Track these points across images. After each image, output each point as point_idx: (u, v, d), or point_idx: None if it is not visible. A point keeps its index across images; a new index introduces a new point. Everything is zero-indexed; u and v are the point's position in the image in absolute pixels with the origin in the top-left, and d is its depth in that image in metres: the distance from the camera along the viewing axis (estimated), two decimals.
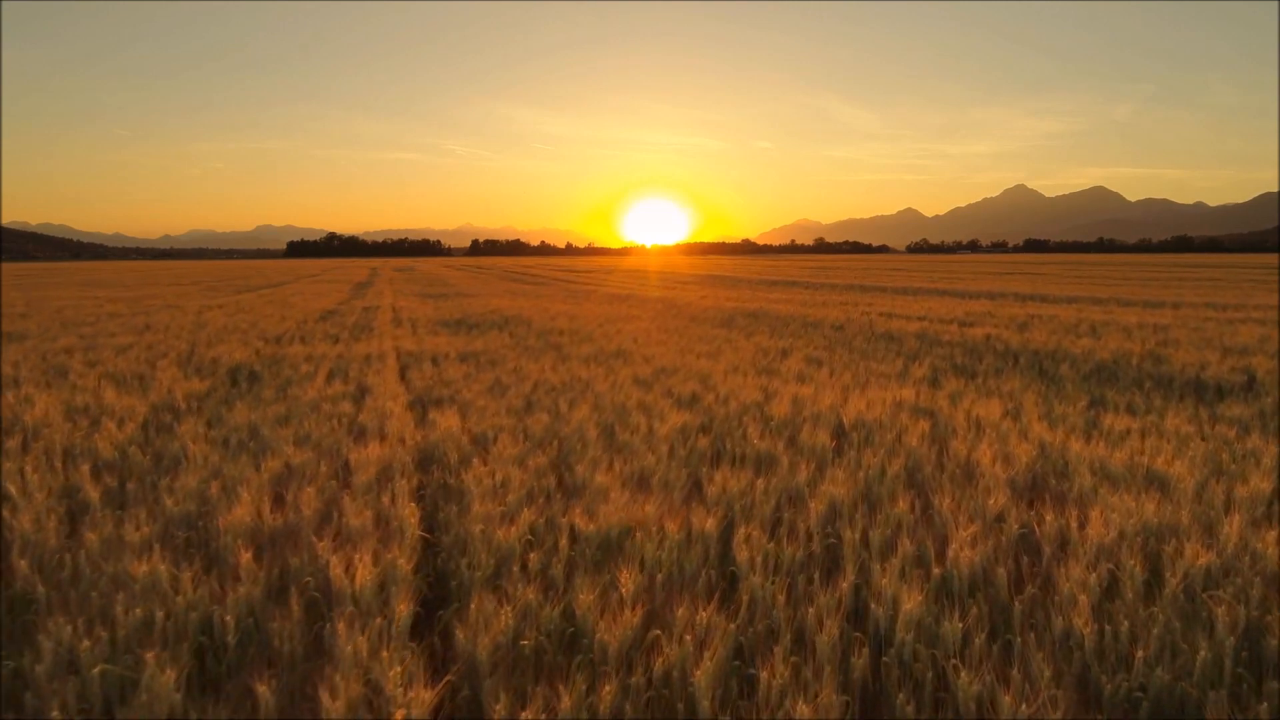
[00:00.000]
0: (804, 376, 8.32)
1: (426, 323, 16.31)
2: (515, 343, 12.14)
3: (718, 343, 11.77)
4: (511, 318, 17.39)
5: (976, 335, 11.95)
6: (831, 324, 14.62)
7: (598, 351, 10.71)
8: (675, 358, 9.81)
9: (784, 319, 15.90)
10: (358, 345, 11.78)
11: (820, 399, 6.56)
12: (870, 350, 10.75)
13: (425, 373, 8.82)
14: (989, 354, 10.19)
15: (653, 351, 10.50)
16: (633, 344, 11.63)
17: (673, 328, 14.28)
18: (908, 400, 6.66)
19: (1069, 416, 6.24)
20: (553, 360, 9.88)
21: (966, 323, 14.75)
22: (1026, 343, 11.04)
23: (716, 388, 7.36)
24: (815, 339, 12.37)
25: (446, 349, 11.17)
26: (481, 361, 10.06)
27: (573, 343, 12.04)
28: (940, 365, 9.30)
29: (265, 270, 77.57)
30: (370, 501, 3.96)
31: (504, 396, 7.21)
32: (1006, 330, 12.89)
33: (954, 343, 11.30)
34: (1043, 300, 23.26)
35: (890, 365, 9.14)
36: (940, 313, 17.21)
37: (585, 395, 7.23)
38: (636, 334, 13.13)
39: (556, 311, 19.22)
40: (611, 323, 15.75)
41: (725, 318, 16.59)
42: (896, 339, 12.07)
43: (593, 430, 5.61)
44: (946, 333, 12.46)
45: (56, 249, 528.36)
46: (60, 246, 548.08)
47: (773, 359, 9.87)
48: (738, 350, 10.85)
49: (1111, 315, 16.12)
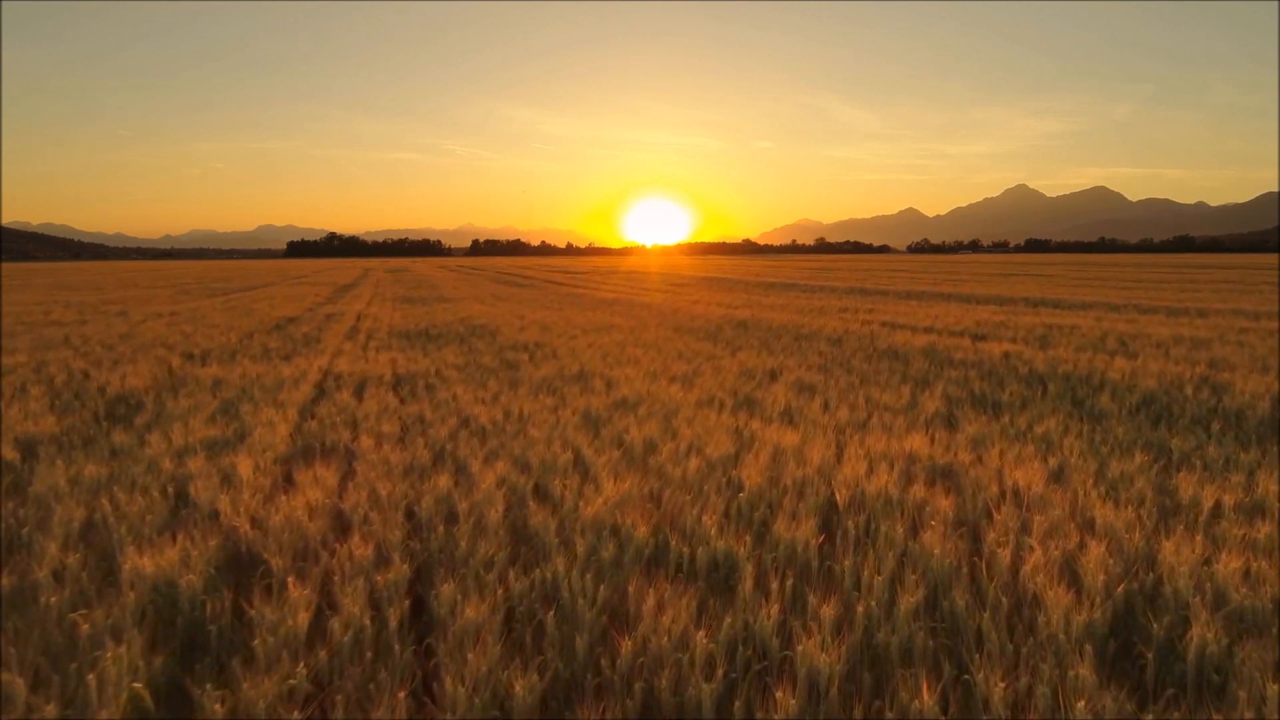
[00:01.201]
0: (791, 413, 6.86)
1: (385, 334, 14.85)
2: (469, 361, 10.68)
3: (698, 361, 10.31)
4: (480, 327, 15.94)
5: (993, 352, 10.47)
6: (828, 336, 13.14)
7: (557, 373, 9.25)
8: (643, 384, 8.35)
9: (776, 330, 14.43)
10: (287, 365, 10.32)
11: (808, 451, 5.09)
12: (872, 373, 9.28)
13: (338, 405, 7.35)
14: (1011, 378, 8.72)
15: (620, 374, 9.04)
16: (600, 363, 10.17)
17: (651, 341, 12.82)
18: (920, 453, 5.19)
19: (1131, 478, 4.77)
20: (500, 387, 8.42)
21: (979, 335, 13.27)
22: (1052, 363, 9.56)
23: (681, 432, 5.89)
24: (809, 355, 10.91)
25: (384, 370, 9.72)
26: (417, 388, 8.60)
27: (533, 361, 10.58)
28: (955, 393, 7.83)
29: (255, 272, 76.12)
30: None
31: (414, 444, 5.75)
32: (1026, 346, 11.42)
33: (968, 363, 9.83)
34: (1056, 306, 21.78)
35: (896, 394, 7.67)
36: (948, 322, 15.74)
37: (515, 441, 5.77)
38: (609, 349, 11.67)
39: (532, 320, 17.77)
40: (586, 334, 14.29)
41: (712, 328, 15.12)
42: (901, 357, 10.60)
43: (497, 508, 4.15)
44: (958, 349, 10.98)
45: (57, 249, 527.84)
46: (60, 246, 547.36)
47: (757, 385, 8.40)
48: (719, 371, 9.39)
49: (1137, 325, 14.64)
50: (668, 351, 11.42)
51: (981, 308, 21.07)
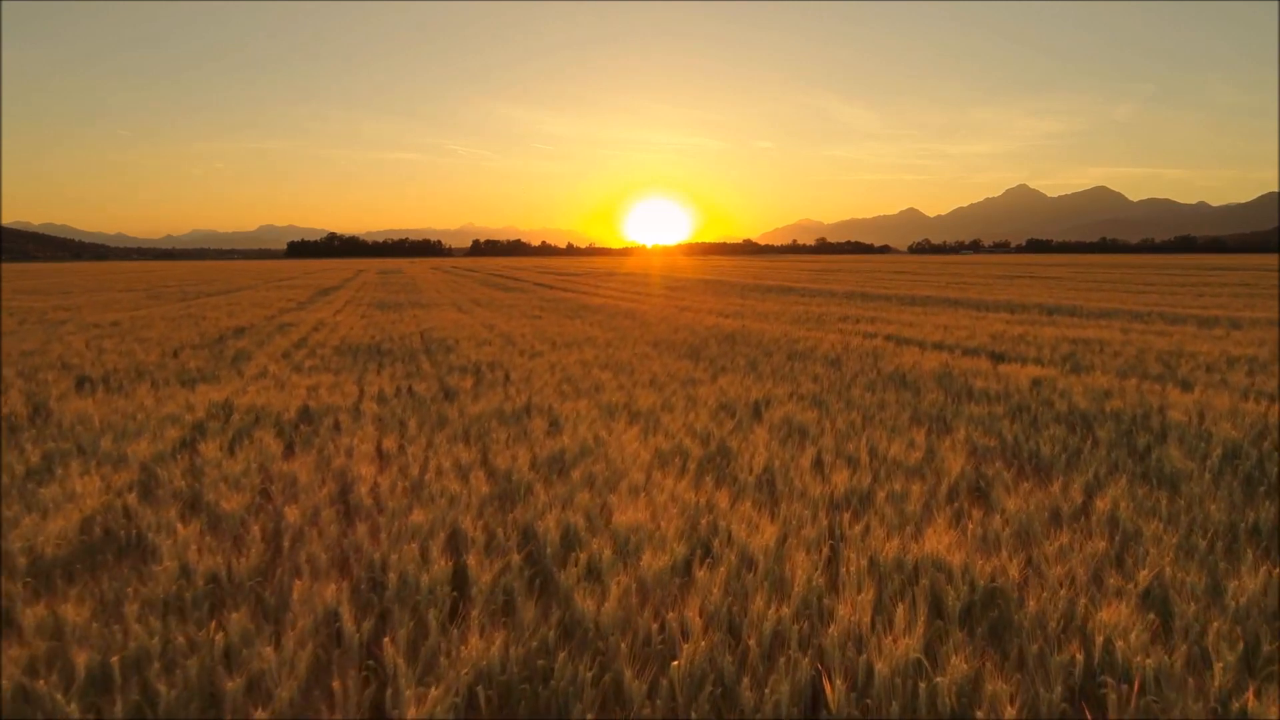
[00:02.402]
0: (773, 476, 5.27)
1: (330, 349, 13.27)
2: (402, 388, 9.10)
3: (671, 388, 8.73)
4: (440, 341, 14.36)
5: (1019, 379, 8.87)
6: (825, 355, 11.55)
7: (496, 409, 7.66)
8: (596, 424, 6.78)
9: (767, 346, 12.84)
10: (190, 393, 8.75)
11: (789, 563, 3.52)
12: (876, 406, 7.69)
13: (198, 460, 5.77)
14: (1047, 416, 7.12)
15: (572, 410, 7.46)
16: (553, 392, 8.60)
17: (624, 360, 11.24)
18: (948, 562, 3.60)
19: (1260, 607, 3.19)
20: (418, 429, 6.84)
21: (997, 353, 11.67)
22: (1094, 394, 7.96)
23: (618, 518, 4.32)
24: (802, 380, 9.32)
25: (295, 403, 8.14)
26: (320, 429, 7.02)
27: (477, 388, 9.00)
28: (982, 440, 6.24)
29: (244, 273, 74.51)
30: None
31: (246, 535, 4.17)
32: (1055, 369, 9.81)
33: (992, 394, 8.22)
34: (1073, 314, 20.18)
35: (907, 442, 6.09)
36: (960, 334, 14.15)
37: (390, 527, 4.19)
38: (571, 372, 10.10)
39: (501, 331, 16.20)
40: (555, 349, 12.72)
41: (697, 342, 13.53)
42: (911, 384, 9.00)
43: (286, 686, 2.57)
44: (977, 373, 9.39)
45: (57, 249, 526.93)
46: (61, 247, 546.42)
47: (736, 425, 6.82)
48: (693, 404, 7.81)
49: (1172, 340, 13.04)
50: (639, 375, 9.85)
51: (992, 315, 19.48)
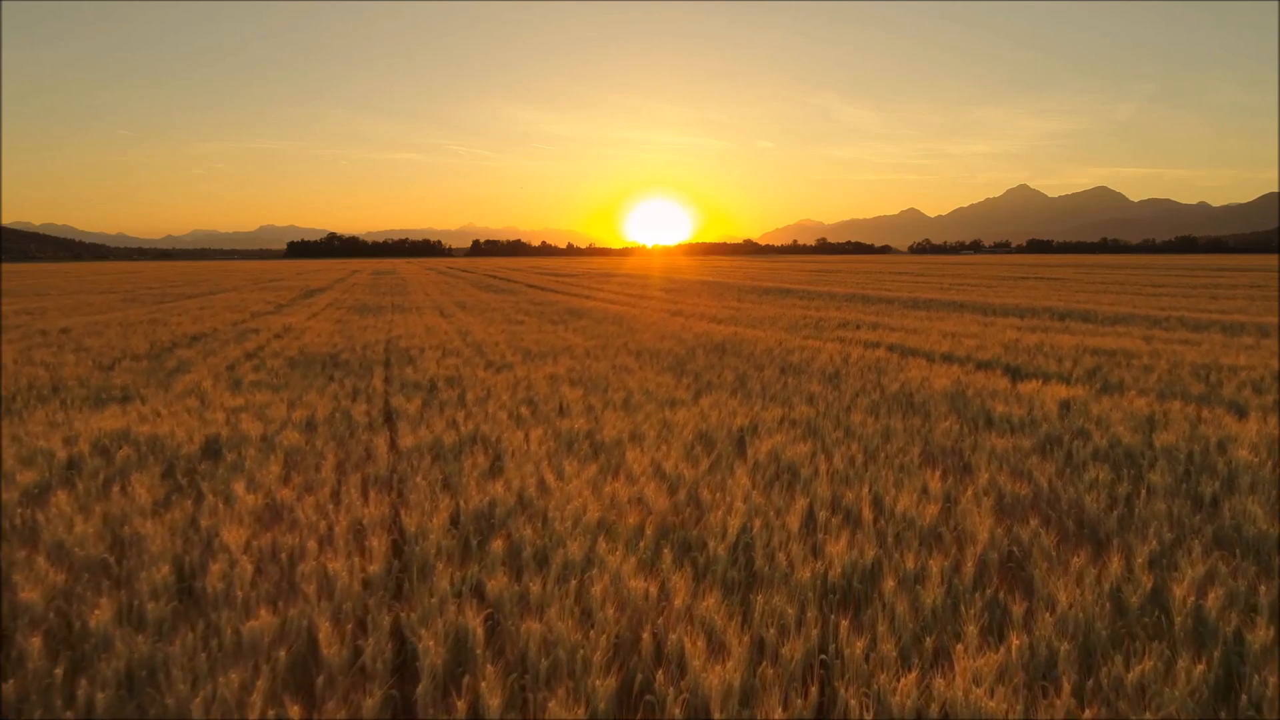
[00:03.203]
0: (750, 543, 4.14)
1: (282, 361, 12.14)
2: (336, 410, 7.97)
3: (645, 411, 7.60)
4: (404, 351, 13.24)
5: (1045, 402, 7.72)
6: (822, 369, 10.41)
7: (435, 441, 6.53)
8: (543, 465, 5.65)
9: (760, 358, 11.71)
10: (96, 416, 7.63)
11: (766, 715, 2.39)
12: (880, 438, 6.55)
13: (19, 525, 4.64)
14: (1086, 454, 5.97)
15: (522, 442, 6.34)
16: (509, 418, 7.47)
17: (600, 374, 10.11)
18: (990, 714, 2.47)
19: None
20: (329, 470, 5.72)
21: (1014, 366, 10.53)
22: (1134, 421, 6.81)
23: (531, 629, 3.18)
24: (795, 401, 8.19)
25: (208, 430, 7.01)
26: (218, 467, 5.89)
27: (425, 410, 7.87)
28: (1010, 488, 5.11)
29: (234, 274, 73.32)
30: None
31: (23, 642, 3.04)
32: (1082, 387, 8.64)
33: (1016, 421, 7.07)
34: (1087, 320, 19.04)
35: (918, 490, 4.95)
36: (969, 344, 13.01)
37: (235, 622, 3.07)
38: (537, 389, 8.97)
39: (476, 340, 15.08)
40: (526, 362, 11.60)
41: (683, 352, 12.40)
42: (920, 408, 7.86)
43: None
44: (995, 394, 8.24)
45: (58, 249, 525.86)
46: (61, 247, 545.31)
47: (712, 465, 5.68)
48: (668, 432, 6.68)
49: (1203, 351, 11.90)
50: (613, 393, 8.71)
51: (1001, 321, 18.34)
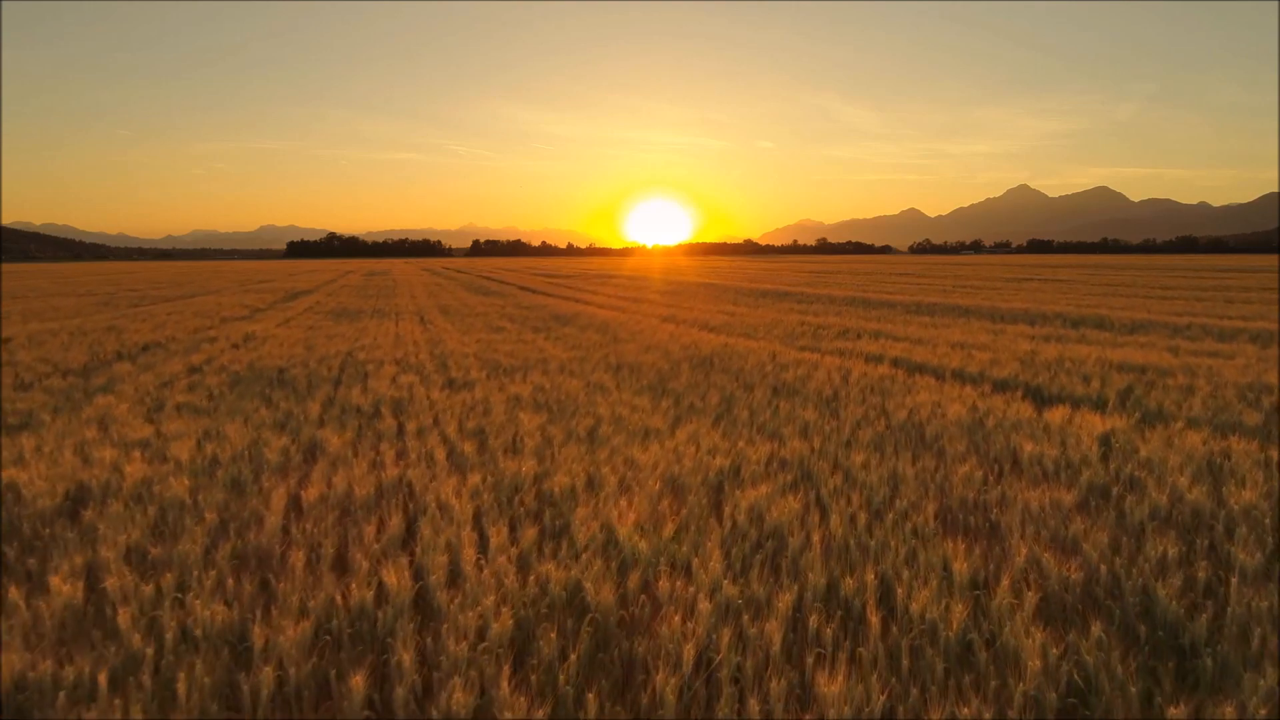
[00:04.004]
0: (713, 675, 3.01)
1: (230, 375, 11.03)
2: (254, 442, 6.84)
3: (610, 447, 6.47)
4: (363, 365, 12.12)
5: (1080, 437, 6.57)
6: (819, 390, 9.27)
7: (342, 495, 5.40)
8: (463, 532, 4.53)
9: (749, 375, 10.58)
10: None
11: None
12: (888, 488, 5.42)
13: None
14: (1144, 515, 4.83)
15: (450, 495, 5.21)
16: (446, 457, 6.34)
17: (568, 396, 8.98)
18: None
19: None
20: (192, 542, 4.60)
21: (1035, 387, 9.37)
22: (1196, 466, 5.67)
23: None
24: (787, 434, 7.05)
25: (51, 482, 5.88)
26: (52, 535, 4.76)
27: (358, 443, 6.74)
28: (1057, 570, 3.97)
29: (226, 274, 72.14)
30: None
31: None
32: (1120, 417, 7.45)
33: (1049, 465, 5.91)
34: (1102, 326, 17.89)
35: (939, 579, 3.82)
36: (982, 358, 11.87)
37: None
38: (494, 414, 7.84)
39: (444, 352, 13.97)
40: (493, 377, 10.48)
41: (666, 368, 11.27)
42: (932, 444, 6.72)
43: None
44: (1019, 423, 7.10)
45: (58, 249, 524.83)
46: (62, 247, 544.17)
47: (680, 529, 4.55)
48: (631, 475, 5.55)
49: (1244, 367, 10.75)
50: (579, 420, 7.59)
51: (1011, 329, 17.20)
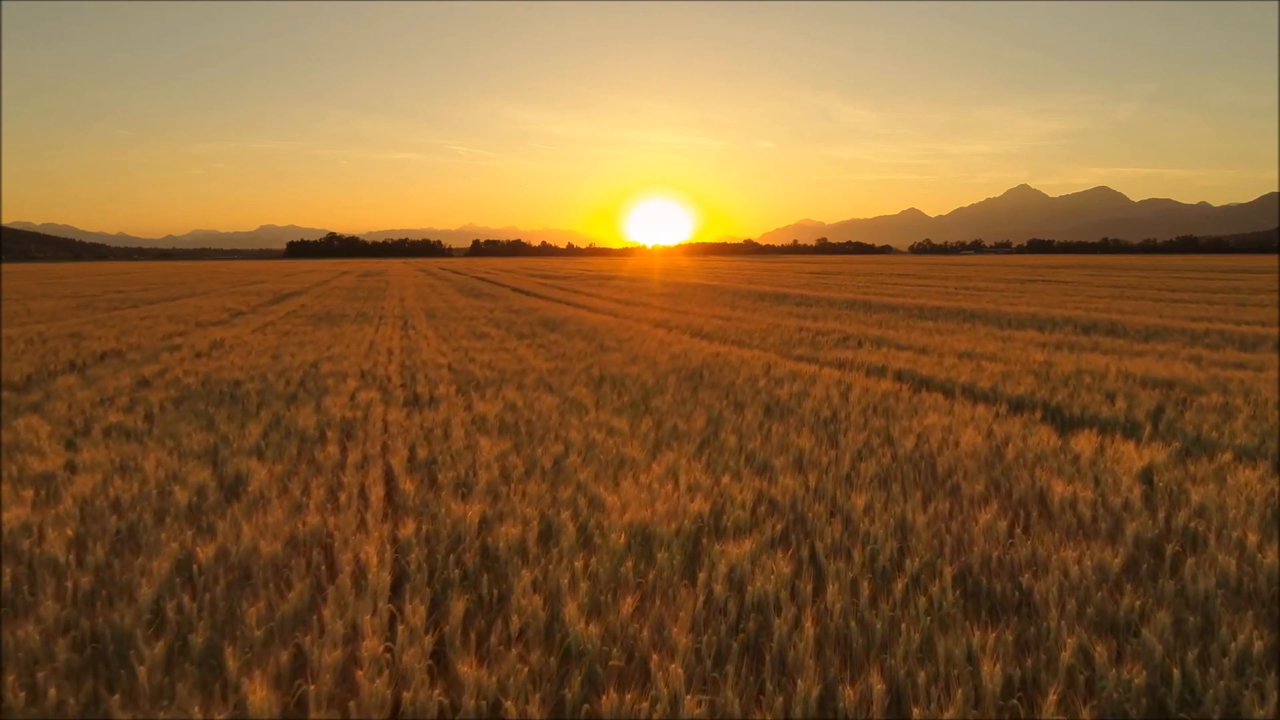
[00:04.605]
0: None
1: (179, 391, 10.17)
2: (159, 485, 5.97)
3: (577, 481, 5.59)
4: (323, 378, 11.25)
5: (1117, 474, 5.67)
6: (816, 410, 8.37)
7: (244, 554, 4.53)
8: (381, 603, 3.65)
9: (742, 390, 9.69)
10: None
11: None
12: (898, 542, 4.53)
13: None
14: (1210, 588, 3.95)
15: (369, 553, 4.34)
16: (381, 496, 5.47)
17: (539, 416, 8.10)
18: None
19: None
20: None
21: (1056, 407, 8.47)
22: (1259, 514, 4.79)
23: None
24: (778, 466, 6.17)
25: None
26: None
27: (286, 481, 5.87)
28: (1115, 674, 3.09)
29: (216, 275, 71.21)
30: None
31: None
32: (1161, 449, 6.56)
33: (1085, 513, 5.00)
34: (1114, 333, 17.01)
35: (965, 689, 2.94)
36: (993, 369, 10.99)
37: None
38: (454, 439, 6.96)
39: (417, 363, 13.10)
40: (463, 393, 9.61)
41: (652, 382, 10.40)
42: (945, 480, 5.83)
43: None
44: (1043, 455, 6.20)
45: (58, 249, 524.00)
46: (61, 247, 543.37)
47: (644, 600, 3.67)
48: (596, 528, 4.68)
49: (1275, 380, 9.88)
50: (546, 448, 6.71)
51: (1020, 335, 16.33)
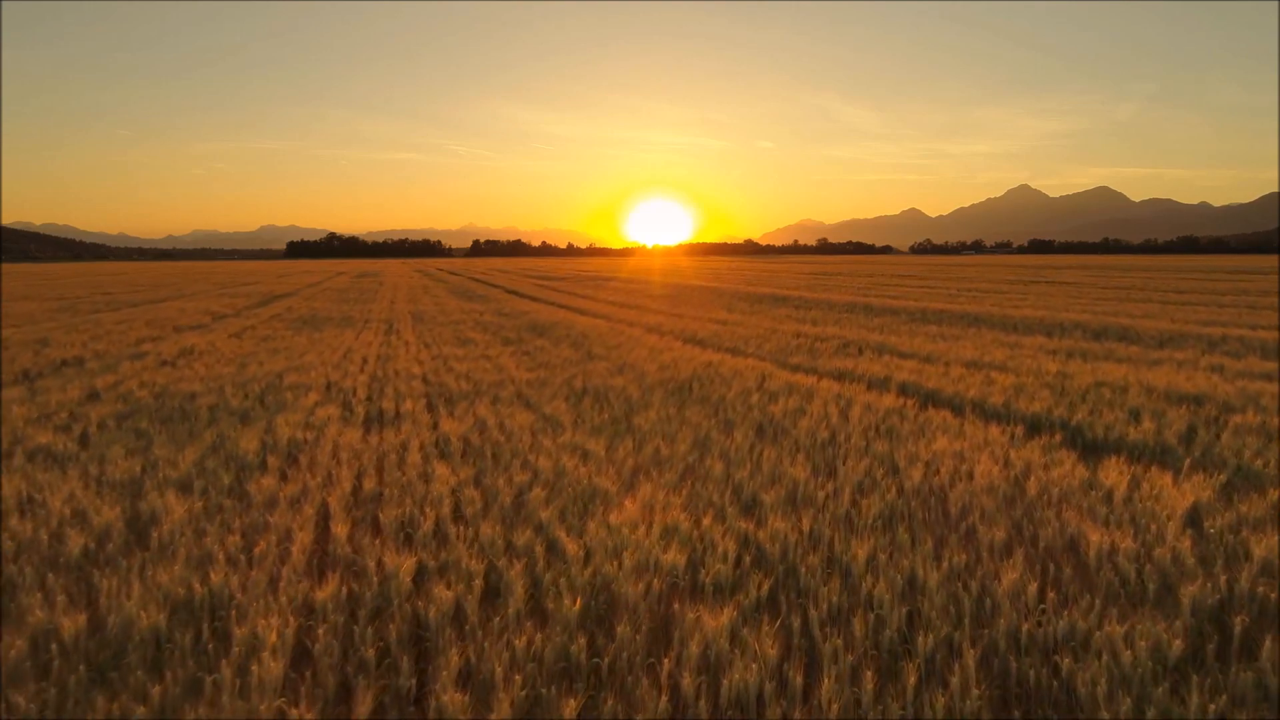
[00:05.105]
0: None
1: (128, 405, 9.41)
2: (62, 521, 5.20)
3: (531, 527, 4.82)
4: (285, 391, 10.49)
5: (1158, 515, 4.91)
6: (813, 431, 7.59)
7: (120, 627, 3.76)
8: (263, 707, 2.87)
9: (733, 406, 8.91)
10: None
11: None
12: (906, 606, 3.76)
13: None
14: None
15: (270, 629, 3.57)
16: (305, 554, 4.70)
17: (510, 436, 7.32)
18: None
19: None
20: None
21: (1076, 427, 7.68)
22: None
23: None
24: (768, 503, 5.40)
25: None
26: None
27: (198, 524, 5.10)
28: None
29: (207, 276, 70.43)
30: None
31: None
32: (1204, 483, 5.76)
33: (1126, 567, 4.22)
34: (1127, 339, 16.22)
35: None
36: (1004, 381, 10.21)
37: None
38: (409, 466, 6.20)
39: (390, 373, 12.35)
40: (432, 409, 8.84)
41: (640, 394, 9.62)
42: (959, 522, 5.05)
43: None
44: (1071, 490, 5.42)
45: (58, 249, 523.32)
46: (62, 247, 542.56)
47: (609, 668, 2.90)
48: (552, 582, 3.91)
49: None
50: (509, 477, 5.94)
51: (1029, 341, 15.55)
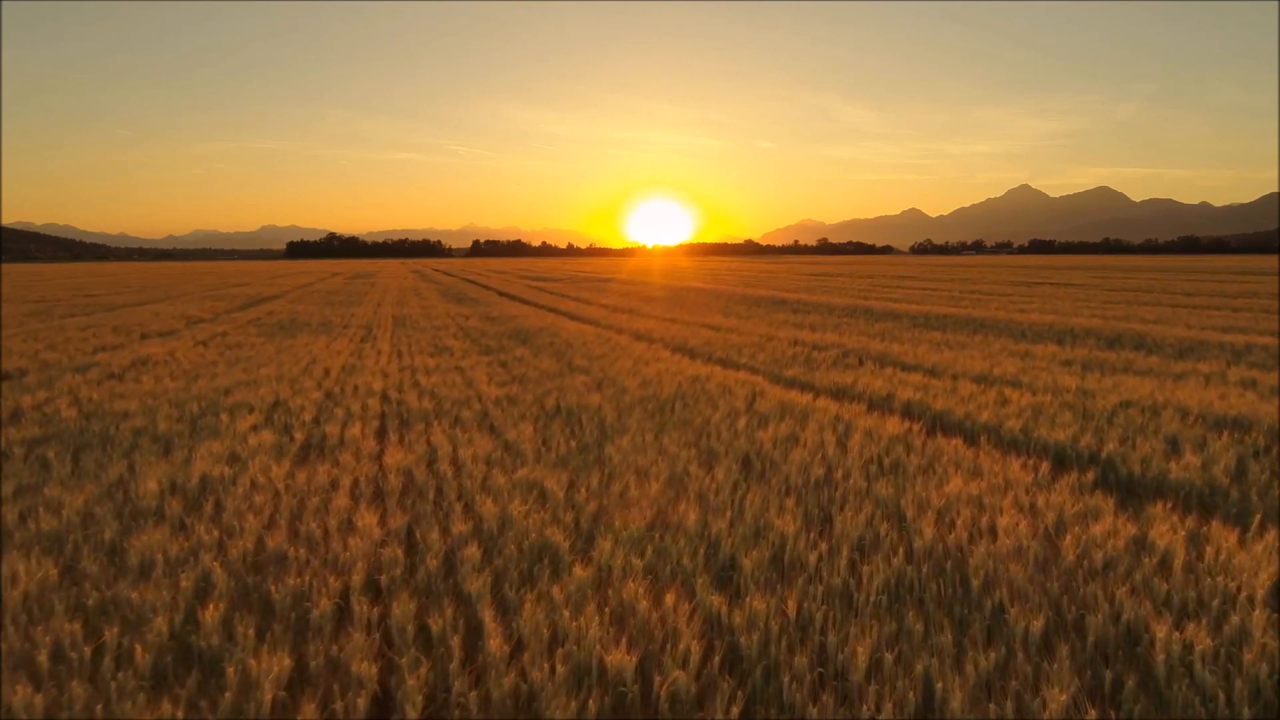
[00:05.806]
0: None
1: (46, 429, 8.48)
2: None
3: (459, 599, 3.91)
4: (224, 411, 9.56)
5: (1233, 596, 3.98)
6: (805, 465, 6.64)
7: None
8: None
9: (718, 431, 7.97)
10: None
11: None
12: None
13: None
14: None
15: None
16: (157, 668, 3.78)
17: (462, 468, 6.40)
18: None
19: None
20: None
21: (1108, 461, 6.74)
22: None
23: None
24: (748, 567, 4.47)
25: None
26: None
27: (48, 595, 4.19)
28: None
29: (200, 277, 69.47)
30: None
31: None
32: (1274, 543, 4.85)
33: (1199, 671, 3.31)
34: (1143, 348, 15.29)
35: None
36: (1021, 401, 9.28)
37: None
38: (333, 512, 5.28)
39: (350, 387, 11.43)
40: (382, 435, 7.91)
41: (615, 416, 8.68)
42: (982, 600, 4.11)
43: None
44: (1116, 554, 4.48)
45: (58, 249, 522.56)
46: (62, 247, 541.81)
47: None
48: (463, 691, 2.99)
49: None
50: (447, 527, 5.02)
51: (1040, 350, 14.61)
